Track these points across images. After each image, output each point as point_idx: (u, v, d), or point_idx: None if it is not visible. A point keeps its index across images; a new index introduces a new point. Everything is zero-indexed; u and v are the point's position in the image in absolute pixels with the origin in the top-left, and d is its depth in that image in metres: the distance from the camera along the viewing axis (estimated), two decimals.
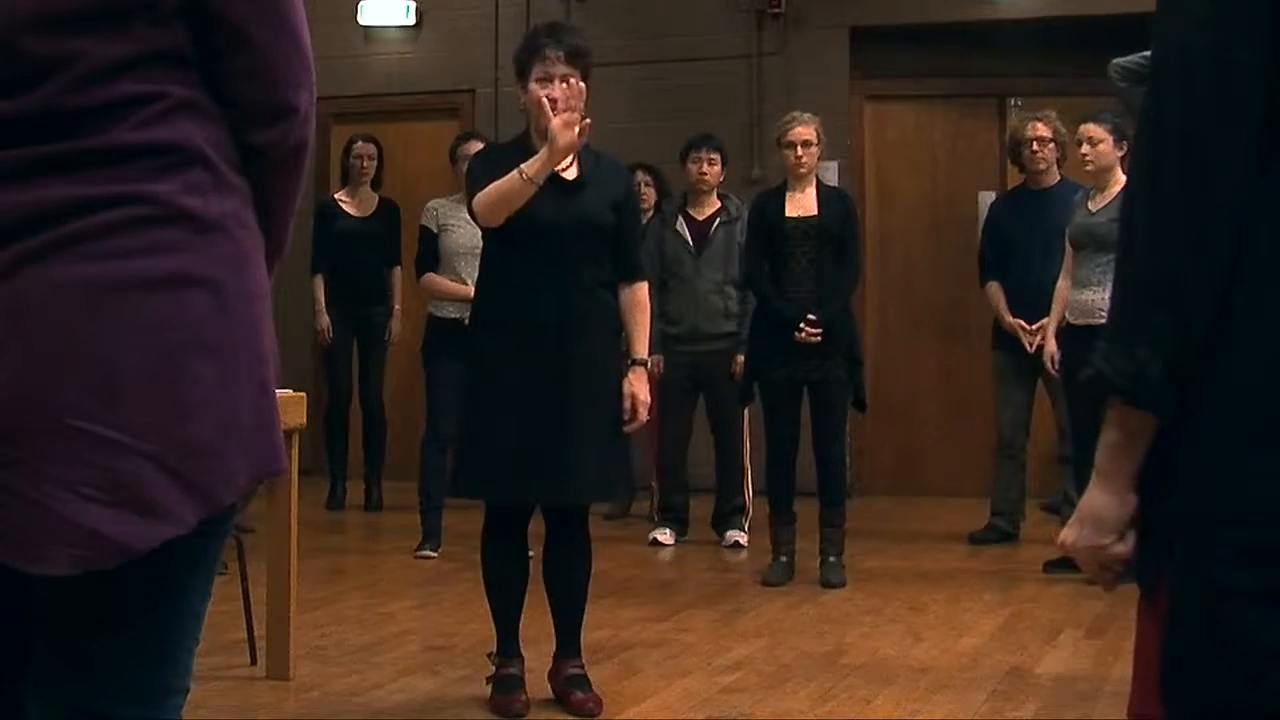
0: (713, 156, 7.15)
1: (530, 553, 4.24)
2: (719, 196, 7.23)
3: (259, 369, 1.62)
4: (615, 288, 4.17)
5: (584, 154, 4.16)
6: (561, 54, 4.04)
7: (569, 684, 4.12)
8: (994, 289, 7.02)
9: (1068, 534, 1.45)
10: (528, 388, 3.99)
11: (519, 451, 3.98)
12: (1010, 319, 6.81)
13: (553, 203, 4.04)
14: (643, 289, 4.24)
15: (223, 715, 4.01)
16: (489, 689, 4.13)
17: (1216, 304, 1.32)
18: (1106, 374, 1.37)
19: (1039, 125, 6.95)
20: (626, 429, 4.14)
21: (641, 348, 4.20)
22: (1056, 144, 6.87)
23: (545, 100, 3.97)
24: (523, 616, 4.20)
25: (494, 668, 4.15)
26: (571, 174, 4.12)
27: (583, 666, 4.19)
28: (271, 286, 1.70)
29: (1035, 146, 6.93)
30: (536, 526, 4.23)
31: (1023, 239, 6.86)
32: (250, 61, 1.63)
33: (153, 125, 1.56)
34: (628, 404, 4.12)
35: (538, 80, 4.04)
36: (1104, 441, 1.41)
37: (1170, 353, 1.34)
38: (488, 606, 4.23)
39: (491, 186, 3.99)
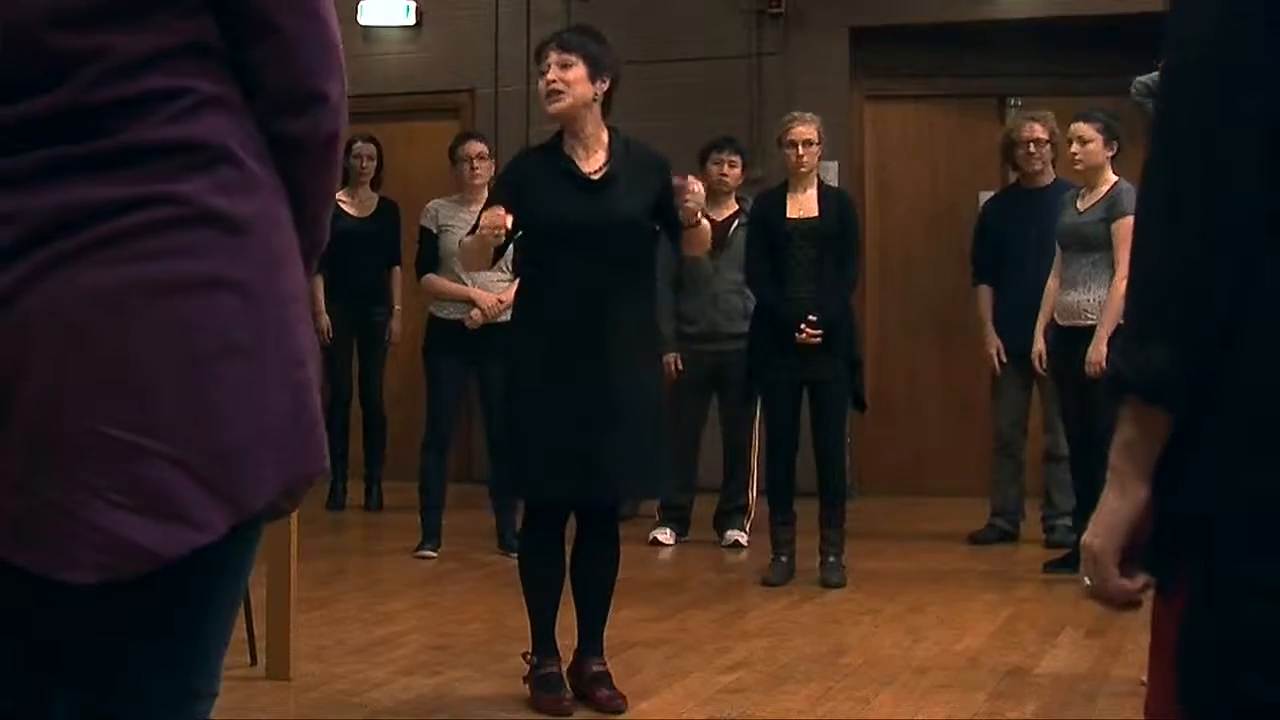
0: (733, 159, 7.16)
1: None
2: (736, 199, 7.23)
3: (294, 371, 1.58)
4: (654, 281, 4.21)
5: (615, 145, 4.17)
6: (554, 45, 4.17)
7: (594, 681, 4.14)
8: (983, 294, 7.03)
9: (1089, 539, 1.45)
10: (562, 388, 4.01)
11: (555, 451, 4.00)
12: (993, 336, 6.89)
13: (577, 202, 4.07)
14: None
15: (223, 715, 4.00)
16: (529, 689, 4.12)
17: (1230, 301, 1.33)
18: (1120, 370, 1.37)
19: (1035, 126, 6.96)
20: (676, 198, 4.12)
21: None
22: (1052, 145, 6.87)
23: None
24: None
25: (530, 667, 4.15)
26: (597, 169, 4.12)
27: (605, 664, 4.20)
28: (309, 284, 1.65)
29: (1031, 148, 6.94)
30: None
31: (1017, 240, 6.86)
32: (277, 48, 1.60)
33: (179, 121, 1.52)
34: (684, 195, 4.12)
35: (540, 75, 4.16)
36: (1119, 439, 1.40)
37: (1183, 349, 1.34)
38: (524, 605, 4.21)
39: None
